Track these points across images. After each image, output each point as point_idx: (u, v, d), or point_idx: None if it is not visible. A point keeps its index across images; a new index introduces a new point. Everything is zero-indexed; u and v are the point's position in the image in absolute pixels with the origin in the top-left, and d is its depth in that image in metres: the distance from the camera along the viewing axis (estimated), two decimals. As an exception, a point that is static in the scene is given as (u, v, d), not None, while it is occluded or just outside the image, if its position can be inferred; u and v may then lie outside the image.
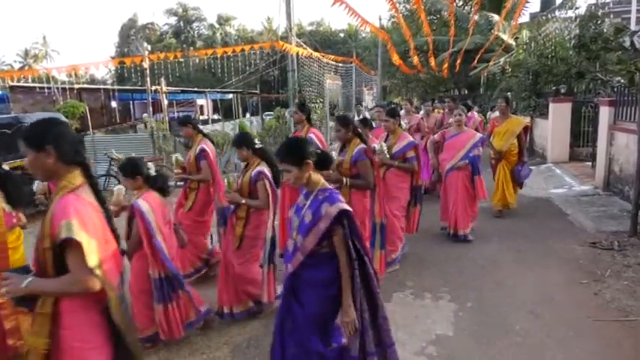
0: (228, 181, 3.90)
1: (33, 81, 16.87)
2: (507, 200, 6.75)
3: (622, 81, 9.08)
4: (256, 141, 3.96)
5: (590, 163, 9.39)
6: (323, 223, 2.32)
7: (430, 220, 6.53)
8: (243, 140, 3.94)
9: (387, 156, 4.65)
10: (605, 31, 11.03)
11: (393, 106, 7.41)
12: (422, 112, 10.31)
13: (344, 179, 4.03)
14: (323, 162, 2.59)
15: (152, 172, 3.58)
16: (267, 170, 3.81)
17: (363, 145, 4.08)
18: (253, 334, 3.71)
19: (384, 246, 4.24)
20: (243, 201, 3.77)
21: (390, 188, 4.78)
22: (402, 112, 7.80)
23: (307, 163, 2.38)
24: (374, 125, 6.11)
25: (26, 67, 39.69)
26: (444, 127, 7.31)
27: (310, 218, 2.37)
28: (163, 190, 3.60)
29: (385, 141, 4.92)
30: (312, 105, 16.89)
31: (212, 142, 5.02)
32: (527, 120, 6.17)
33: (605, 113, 7.90)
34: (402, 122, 5.87)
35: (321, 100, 17.35)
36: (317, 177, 2.46)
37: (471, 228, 5.78)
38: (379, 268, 4.12)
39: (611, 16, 12.68)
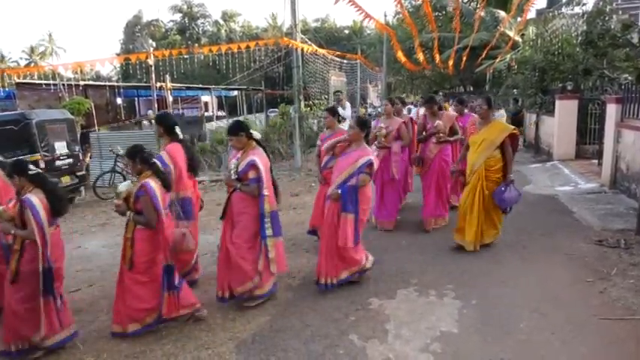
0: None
1: (39, 78, 16.95)
2: (484, 238, 5.15)
3: (629, 78, 9.02)
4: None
5: (596, 161, 9.33)
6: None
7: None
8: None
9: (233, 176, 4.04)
10: (612, 27, 10.93)
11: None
12: (412, 111, 9.62)
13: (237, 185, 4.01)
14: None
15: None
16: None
17: None
18: (258, 329, 3.72)
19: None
20: (12, 231, 3.45)
21: (233, 214, 4.08)
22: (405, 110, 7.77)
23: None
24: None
25: (32, 64, 39.87)
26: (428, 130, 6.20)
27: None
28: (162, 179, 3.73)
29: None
30: (317, 101, 16.89)
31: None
32: (512, 127, 5.11)
33: (612, 110, 7.84)
34: (381, 124, 6.04)
35: (326, 96, 17.33)
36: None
37: (350, 275, 4.36)
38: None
39: (619, 12, 12.56)
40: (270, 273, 4.07)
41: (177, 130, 4.53)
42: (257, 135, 4.14)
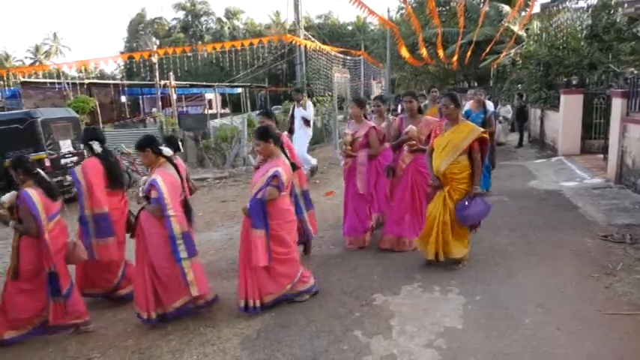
0: None
1: (44, 77, 17.04)
2: (450, 249, 4.53)
3: (635, 72, 8.95)
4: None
5: (601, 156, 9.28)
6: None
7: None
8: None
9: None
10: (618, 20, 10.87)
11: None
12: (395, 115, 8.71)
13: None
14: None
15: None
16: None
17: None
18: (263, 325, 3.74)
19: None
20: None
21: (144, 232, 3.83)
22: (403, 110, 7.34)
23: None
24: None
25: (37, 64, 40.04)
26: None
27: None
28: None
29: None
30: (320, 98, 16.88)
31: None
32: (481, 129, 4.49)
33: (617, 105, 7.79)
34: (347, 130, 5.51)
35: (330, 93, 17.32)
36: None
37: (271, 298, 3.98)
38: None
39: (625, 5, 12.44)
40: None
41: (96, 145, 4.34)
42: (167, 152, 3.87)
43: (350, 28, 43.61)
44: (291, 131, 9.47)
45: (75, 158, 9.57)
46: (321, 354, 3.29)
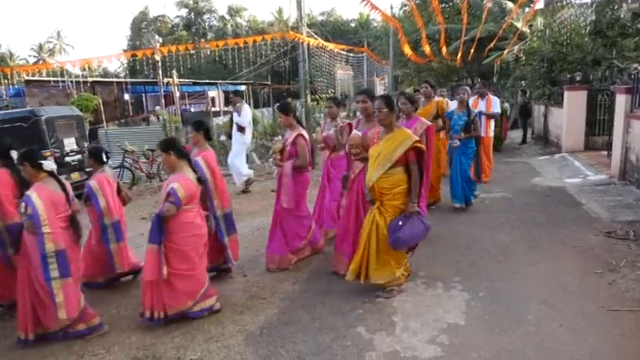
0: None
1: (47, 75, 17.09)
2: (370, 273, 4.00)
3: (639, 68, 8.91)
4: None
5: (605, 152, 9.24)
6: None
7: (443, 211, 6.53)
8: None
9: None
10: (622, 16, 10.81)
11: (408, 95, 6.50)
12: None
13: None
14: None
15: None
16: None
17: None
18: (266, 322, 3.76)
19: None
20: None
21: (27, 248, 3.71)
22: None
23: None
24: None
25: (41, 62, 40.16)
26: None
27: None
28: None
29: None
30: (323, 95, 16.88)
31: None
32: (416, 138, 3.94)
33: (621, 101, 7.76)
34: (277, 138, 5.26)
35: (332, 90, 17.31)
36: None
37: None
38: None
39: (629, 0, 12.37)
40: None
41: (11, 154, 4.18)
42: (48, 166, 3.66)
43: (353, 25, 43.50)
44: (230, 136, 9.30)
45: (79, 156, 9.62)
46: (325, 350, 3.30)
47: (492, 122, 8.71)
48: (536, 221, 5.88)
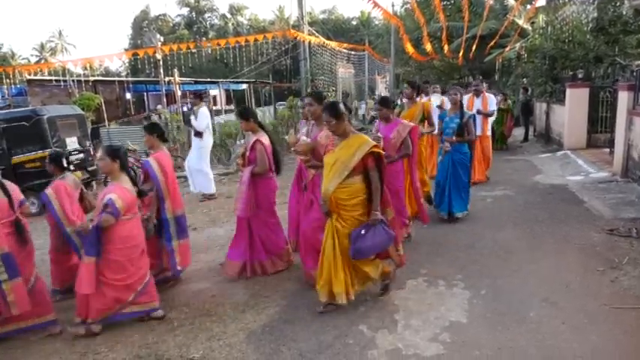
0: None
1: (49, 74, 17.12)
2: (355, 283, 3.79)
3: (642, 65, 8.87)
4: None
5: (607, 150, 9.22)
6: None
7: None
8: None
9: None
10: (624, 13, 10.76)
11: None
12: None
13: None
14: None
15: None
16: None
17: None
18: (268, 320, 3.76)
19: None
20: None
21: None
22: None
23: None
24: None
25: (42, 61, 40.24)
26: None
27: None
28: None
29: None
30: (325, 94, 16.84)
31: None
32: (373, 143, 3.64)
33: (623, 98, 7.73)
34: (241, 141, 4.92)
35: (334, 88, 17.29)
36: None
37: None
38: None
39: (631, -3, 12.32)
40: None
41: None
42: None
43: (354, 23, 43.50)
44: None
45: (81, 155, 9.64)
46: (327, 348, 3.31)
47: (489, 121, 8.63)
48: (538, 219, 5.88)
